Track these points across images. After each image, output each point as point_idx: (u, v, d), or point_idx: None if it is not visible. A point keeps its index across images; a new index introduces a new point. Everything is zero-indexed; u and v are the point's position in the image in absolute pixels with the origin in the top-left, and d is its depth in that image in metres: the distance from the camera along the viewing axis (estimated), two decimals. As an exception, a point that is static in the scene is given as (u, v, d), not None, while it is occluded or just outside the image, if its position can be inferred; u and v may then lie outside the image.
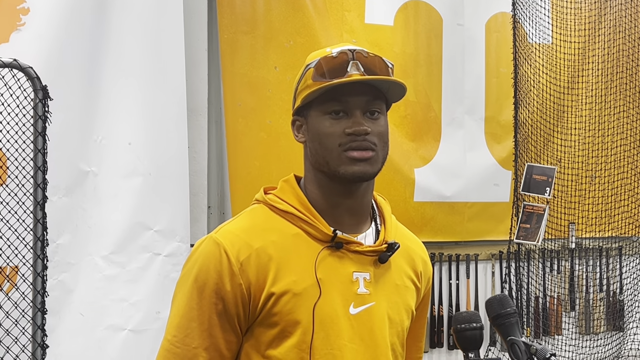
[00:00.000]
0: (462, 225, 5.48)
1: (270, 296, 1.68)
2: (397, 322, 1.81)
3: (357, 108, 1.71)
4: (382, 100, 1.76)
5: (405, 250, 1.88)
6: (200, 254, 1.74)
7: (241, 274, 1.68)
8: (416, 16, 5.34)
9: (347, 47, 1.76)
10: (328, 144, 1.72)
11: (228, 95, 4.76)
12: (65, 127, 3.79)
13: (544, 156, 5.35)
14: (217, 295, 1.69)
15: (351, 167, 1.71)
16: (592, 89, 5.51)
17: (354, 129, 1.70)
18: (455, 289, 5.46)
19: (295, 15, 4.90)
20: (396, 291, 1.82)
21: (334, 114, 1.72)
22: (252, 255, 1.70)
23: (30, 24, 3.78)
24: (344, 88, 1.71)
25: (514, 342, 1.76)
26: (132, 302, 4.06)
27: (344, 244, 1.75)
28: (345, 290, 1.73)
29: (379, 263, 1.78)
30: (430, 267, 1.99)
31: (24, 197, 3.40)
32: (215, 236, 1.74)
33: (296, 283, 1.69)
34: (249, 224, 1.77)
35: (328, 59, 1.74)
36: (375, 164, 1.74)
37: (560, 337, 5.57)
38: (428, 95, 5.37)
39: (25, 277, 3.38)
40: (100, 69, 4.04)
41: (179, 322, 1.71)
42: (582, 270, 5.71)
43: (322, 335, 1.70)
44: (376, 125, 1.73)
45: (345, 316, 1.72)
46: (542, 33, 5.38)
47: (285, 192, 1.81)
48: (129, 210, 4.11)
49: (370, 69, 1.73)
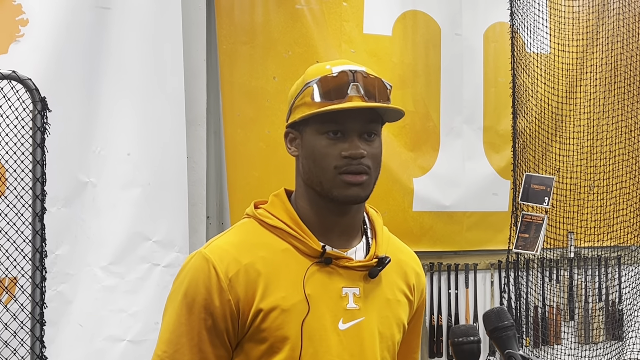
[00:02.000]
0: (461, 234, 5.48)
1: (259, 312, 1.69)
2: (388, 337, 1.81)
3: (354, 130, 1.72)
4: (378, 122, 1.77)
5: (398, 263, 1.88)
6: (189, 270, 1.75)
7: (230, 290, 1.69)
8: (414, 26, 5.34)
9: (348, 66, 1.76)
10: (324, 165, 1.73)
11: (227, 106, 4.76)
12: (64, 138, 3.80)
13: (542, 165, 5.35)
14: (206, 311, 1.70)
15: (345, 191, 1.72)
16: (590, 98, 5.51)
17: (351, 152, 1.70)
18: (454, 299, 5.46)
19: (294, 25, 4.91)
20: (387, 305, 1.82)
21: (332, 134, 1.72)
22: (241, 271, 1.71)
23: (29, 35, 3.79)
24: (343, 111, 1.71)
25: (511, 355, 1.76)
26: (131, 312, 4.06)
27: (333, 260, 1.75)
28: (334, 305, 1.74)
29: (369, 278, 1.78)
30: (424, 279, 1.99)
31: (23, 209, 3.40)
32: (205, 251, 1.75)
33: (285, 299, 1.70)
34: (238, 240, 1.78)
35: (329, 79, 1.73)
36: (368, 187, 1.74)
37: (560, 346, 5.56)
38: (426, 105, 5.38)
39: (24, 289, 3.37)
40: (98, 80, 4.04)
41: (169, 337, 1.73)
42: (581, 279, 5.71)
43: (310, 351, 1.70)
44: (371, 148, 1.73)
45: (334, 332, 1.73)
46: (540, 43, 5.39)
47: (275, 207, 1.82)
48: (128, 221, 4.11)
49: (370, 91, 1.73)
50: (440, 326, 5.36)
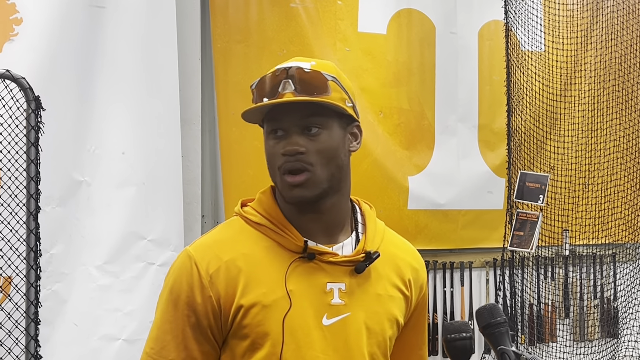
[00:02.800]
0: (456, 233, 5.49)
1: (240, 308, 1.70)
2: (378, 332, 1.80)
3: (292, 126, 1.72)
4: (324, 116, 1.73)
5: (392, 258, 1.87)
6: (175, 268, 1.77)
7: (211, 286, 1.71)
8: (409, 24, 5.35)
9: (291, 63, 1.76)
10: (272, 165, 1.76)
11: (222, 104, 4.76)
12: (58, 137, 3.79)
13: (537, 163, 5.36)
14: (189, 308, 1.72)
15: (290, 193, 1.73)
16: (585, 96, 5.52)
17: (286, 149, 1.71)
18: (450, 297, 5.46)
19: (289, 24, 4.91)
20: (377, 301, 1.81)
21: (274, 132, 1.74)
22: (222, 268, 1.72)
23: (23, 34, 3.78)
24: (277, 108, 1.72)
25: (504, 352, 1.77)
26: (126, 311, 4.05)
27: (316, 255, 1.75)
28: (318, 301, 1.74)
29: (355, 273, 1.77)
30: (423, 274, 1.97)
31: (17, 208, 3.40)
32: (189, 249, 1.78)
33: (265, 295, 1.70)
34: (221, 237, 1.80)
35: (265, 79, 1.75)
36: (314, 186, 1.72)
37: (555, 344, 5.57)
38: (421, 104, 5.38)
39: (19, 288, 3.37)
40: (93, 79, 4.03)
41: (156, 334, 1.75)
42: (576, 277, 5.71)
43: (292, 347, 1.70)
44: (314, 143, 1.72)
45: (317, 327, 1.73)
46: (534, 41, 5.39)
47: (261, 204, 1.83)
48: (123, 220, 4.11)
49: (306, 85, 1.71)
50: (435, 324, 5.36)
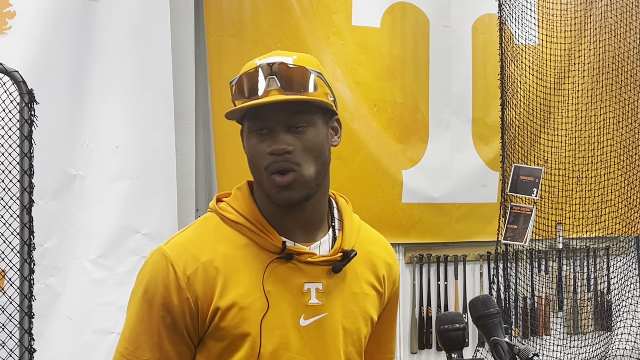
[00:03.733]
0: (450, 226, 5.49)
1: (217, 310, 1.67)
2: (353, 331, 1.79)
3: (278, 124, 1.67)
4: (309, 112, 1.70)
5: (367, 255, 1.85)
6: (150, 266, 1.73)
7: (188, 288, 1.67)
8: (403, 18, 5.35)
9: (272, 58, 1.71)
10: (257, 165, 1.71)
11: (215, 98, 4.76)
12: (52, 131, 3.79)
13: (531, 157, 5.36)
14: (165, 309, 1.68)
15: (278, 195, 1.69)
16: (579, 89, 5.52)
17: (273, 148, 1.67)
18: (444, 290, 5.47)
19: (283, 17, 4.90)
20: (353, 299, 1.79)
21: (259, 131, 1.69)
22: (199, 269, 1.68)
23: (16, 27, 3.77)
24: (261, 106, 1.66)
25: (497, 343, 1.77)
26: (120, 305, 4.05)
27: (294, 255, 1.72)
28: (295, 302, 1.71)
29: (332, 273, 1.75)
30: (397, 269, 1.95)
31: (11, 201, 3.39)
32: (164, 248, 1.72)
33: (243, 296, 1.68)
34: (197, 236, 1.75)
35: (248, 75, 1.70)
36: (301, 186, 1.69)
37: (548, 337, 5.58)
38: (415, 97, 5.38)
39: (12, 281, 3.37)
40: (86, 73, 4.03)
41: (130, 334, 1.72)
42: (570, 270, 5.73)
43: (270, 349, 1.68)
44: (301, 141, 1.68)
45: (294, 328, 1.71)
46: (528, 34, 5.39)
47: (237, 201, 1.79)
48: (117, 214, 4.11)
49: (291, 82, 1.67)
50: (429, 317, 5.37)
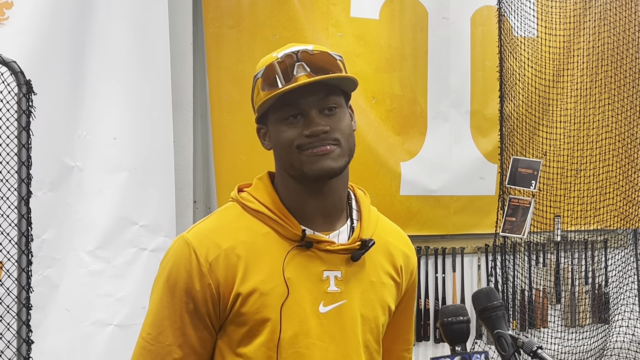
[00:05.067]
0: (448, 218, 5.48)
1: (238, 296, 1.71)
2: (371, 319, 1.82)
3: (311, 108, 1.71)
4: (337, 94, 1.76)
5: (384, 245, 1.88)
6: (172, 254, 1.77)
7: (210, 274, 1.71)
8: (402, 9, 5.33)
9: (292, 48, 1.75)
10: (288, 148, 1.73)
11: (213, 90, 4.74)
12: (50, 122, 3.77)
13: (529, 149, 5.36)
14: (187, 295, 1.72)
15: (315, 165, 1.71)
16: (577, 82, 5.52)
17: (311, 130, 1.70)
18: (442, 283, 5.47)
19: (281, 9, 4.88)
20: (371, 288, 1.82)
21: (292, 118, 1.72)
22: (221, 256, 1.72)
23: (13, 18, 3.75)
24: (295, 92, 1.70)
25: (500, 335, 1.77)
26: (118, 297, 4.05)
27: (314, 243, 1.75)
28: (315, 289, 1.75)
29: (351, 261, 1.78)
30: (414, 260, 1.98)
31: (8, 192, 3.38)
32: (187, 236, 1.77)
33: (264, 283, 1.71)
34: (219, 224, 1.80)
35: (273, 66, 1.73)
36: (340, 158, 1.73)
37: (546, 329, 5.58)
38: (414, 89, 5.37)
39: (10, 273, 3.35)
40: (84, 64, 4.02)
41: (153, 320, 1.76)
42: (568, 263, 5.73)
43: (289, 334, 1.72)
44: (335, 121, 1.73)
45: (314, 315, 1.74)
46: (527, 26, 5.38)
47: (258, 190, 1.82)
48: (115, 205, 4.10)
49: (318, 66, 1.72)
50: (427, 310, 5.37)
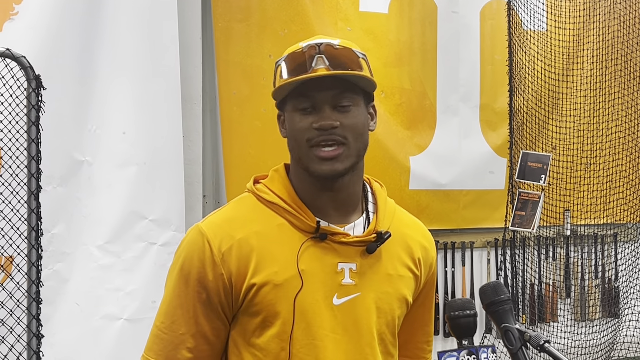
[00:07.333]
0: (457, 212, 5.48)
1: (251, 287, 1.71)
2: (387, 312, 1.81)
3: (325, 102, 1.71)
4: (354, 92, 1.74)
5: (402, 237, 1.87)
6: (186, 244, 1.78)
7: (222, 264, 1.72)
8: (411, 3, 5.32)
9: (318, 40, 1.75)
10: (298, 140, 1.74)
11: (222, 84, 4.75)
12: (59, 117, 3.78)
13: (539, 143, 5.35)
14: (200, 285, 1.73)
15: (320, 166, 1.71)
16: (587, 75, 5.50)
17: (321, 124, 1.69)
18: (451, 277, 5.47)
19: (290, 3, 4.88)
20: (388, 280, 1.81)
21: (305, 109, 1.72)
22: (234, 246, 1.72)
23: (23, 13, 3.76)
24: (310, 83, 1.70)
25: (507, 329, 1.76)
26: (127, 291, 4.06)
27: (328, 235, 1.75)
28: (329, 281, 1.74)
29: (367, 253, 1.77)
30: (433, 253, 1.96)
31: (18, 187, 3.39)
32: (201, 226, 1.78)
33: (277, 274, 1.71)
34: (233, 215, 1.80)
35: (295, 55, 1.74)
36: (346, 159, 1.72)
37: (556, 323, 5.58)
38: (423, 83, 5.36)
39: (20, 267, 3.37)
40: (93, 58, 4.02)
41: (167, 309, 1.78)
42: (578, 257, 5.72)
43: (303, 326, 1.72)
44: (347, 118, 1.72)
45: (328, 307, 1.74)
46: (536, 20, 5.37)
47: (273, 182, 1.82)
48: (124, 200, 4.11)
49: (339, 61, 1.71)
50: (437, 304, 5.36)
